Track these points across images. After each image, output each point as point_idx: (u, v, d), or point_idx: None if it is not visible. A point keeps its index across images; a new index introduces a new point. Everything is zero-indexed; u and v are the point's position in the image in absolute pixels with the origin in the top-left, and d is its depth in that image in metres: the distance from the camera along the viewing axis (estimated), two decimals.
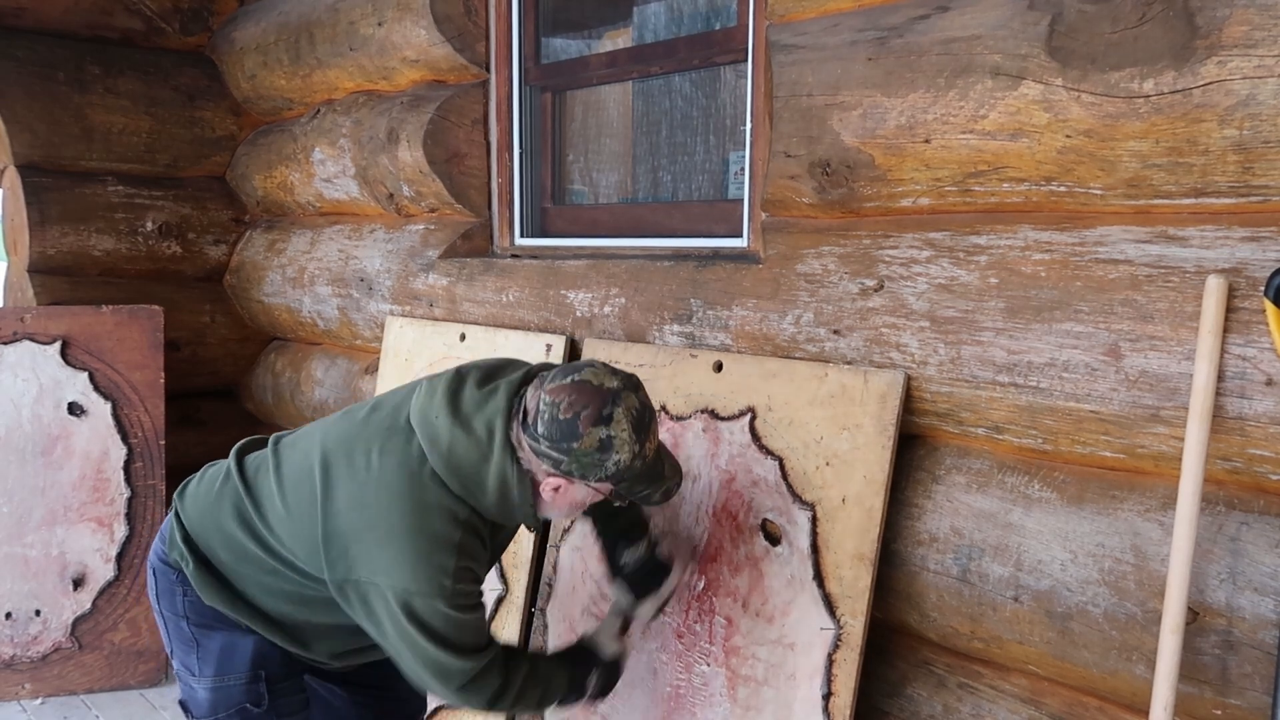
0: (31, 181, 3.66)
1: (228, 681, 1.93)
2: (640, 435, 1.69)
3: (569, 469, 1.68)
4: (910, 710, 2.03)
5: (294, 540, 1.84)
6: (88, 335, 3.41)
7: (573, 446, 1.66)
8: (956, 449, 1.96)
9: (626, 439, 1.66)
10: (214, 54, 3.96)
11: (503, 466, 1.71)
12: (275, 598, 1.91)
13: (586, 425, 1.65)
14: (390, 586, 1.71)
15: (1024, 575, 1.79)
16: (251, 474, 1.94)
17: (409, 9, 2.98)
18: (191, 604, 1.94)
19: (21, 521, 3.33)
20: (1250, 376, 1.52)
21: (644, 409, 1.71)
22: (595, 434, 1.65)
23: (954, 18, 1.81)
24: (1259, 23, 1.43)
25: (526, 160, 3.04)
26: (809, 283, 2.11)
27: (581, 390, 1.67)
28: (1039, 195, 1.76)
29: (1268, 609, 1.52)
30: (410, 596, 1.71)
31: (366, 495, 1.76)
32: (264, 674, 1.94)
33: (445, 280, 3.05)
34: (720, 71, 2.73)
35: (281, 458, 1.91)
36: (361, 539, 1.74)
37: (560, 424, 1.66)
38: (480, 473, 1.72)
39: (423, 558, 1.71)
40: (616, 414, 1.66)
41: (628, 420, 1.67)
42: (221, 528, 1.91)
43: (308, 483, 1.82)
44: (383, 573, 1.72)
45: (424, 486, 1.74)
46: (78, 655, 3.40)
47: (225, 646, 1.93)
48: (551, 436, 1.66)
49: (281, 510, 1.85)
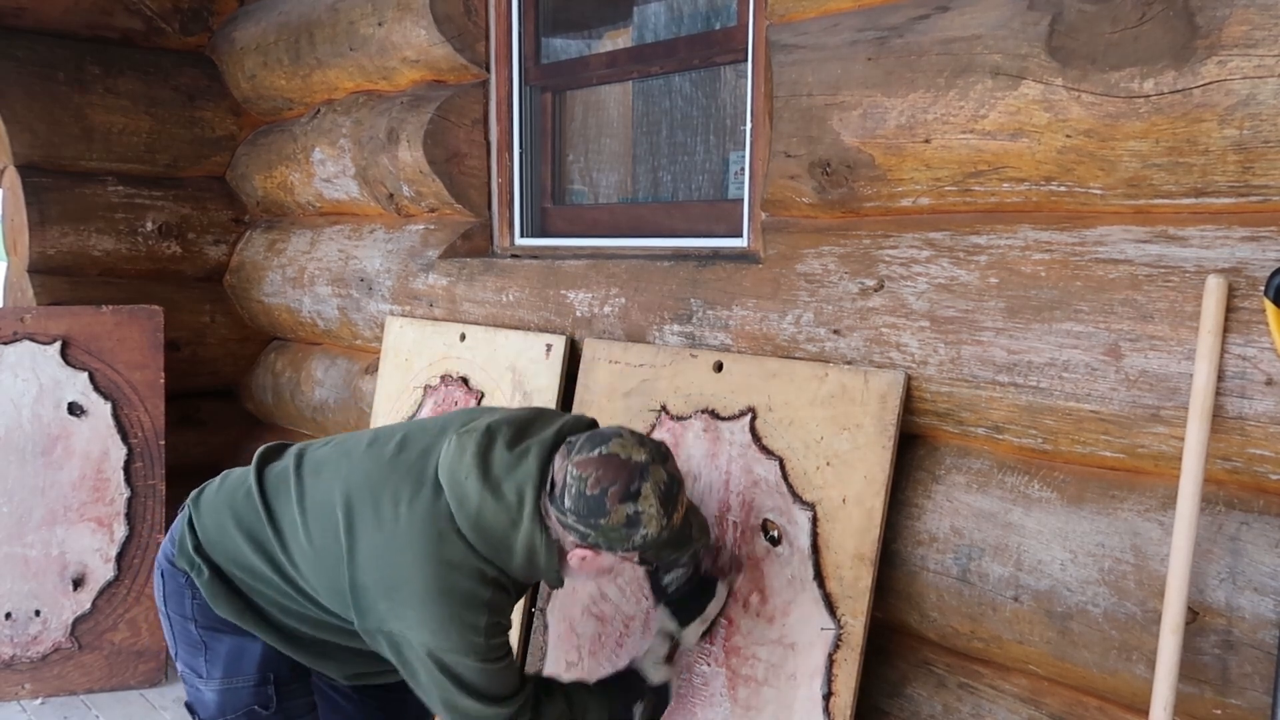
0: (31, 181, 3.66)
1: (236, 684, 1.92)
2: (668, 509, 1.69)
3: (596, 542, 1.69)
4: (910, 710, 2.03)
5: (317, 579, 1.83)
6: (88, 335, 3.41)
7: (600, 523, 1.66)
8: (956, 449, 1.96)
9: (654, 514, 1.67)
10: (214, 54, 3.96)
11: (531, 534, 1.71)
12: (290, 618, 1.91)
13: (614, 502, 1.65)
14: (421, 643, 1.72)
15: (1024, 575, 1.79)
16: (272, 494, 1.91)
17: (409, 9, 2.98)
18: (200, 608, 1.93)
19: (21, 521, 3.33)
20: (1250, 376, 1.52)
21: (672, 481, 1.72)
22: (623, 510, 1.65)
23: (954, 18, 1.81)
24: (1259, 23, 1.43)
25: (526, 160, 3.04)
26: (809, 283, 2.11)
27: (609, 465, 1.67)
28: (1039, 195, 1.76)
29: (1268, 609, 1.52)
30: (442, 653, 1.72)
31: (393, 552, 1.75)
32: (273, 676, 1.94)
33: (445, 280, 3.05)
34: (720, 71, 2.73)
35: (305, 485, 1.89)
36: (390, 596, 1.74)
37: (587, 500, 1.66)
38: (508, 538, 1.72)
39: (454, 618, 1.71)
40: (644, 489, 1.67)
41: (655, 495, 1.67)
42: (237, 545, 1.89)
43: (331, 522, 1.81)
44: (413, 629, 1.72)
45: (452, 546, 1.73)
46: (77, 655, 3.40)
47: (233, 649, 1.93)
48: (579, 512, 1.67)
49: (305, 544, 1.84)
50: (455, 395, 2.84)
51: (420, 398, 2.96)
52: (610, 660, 2.32)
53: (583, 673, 2.37)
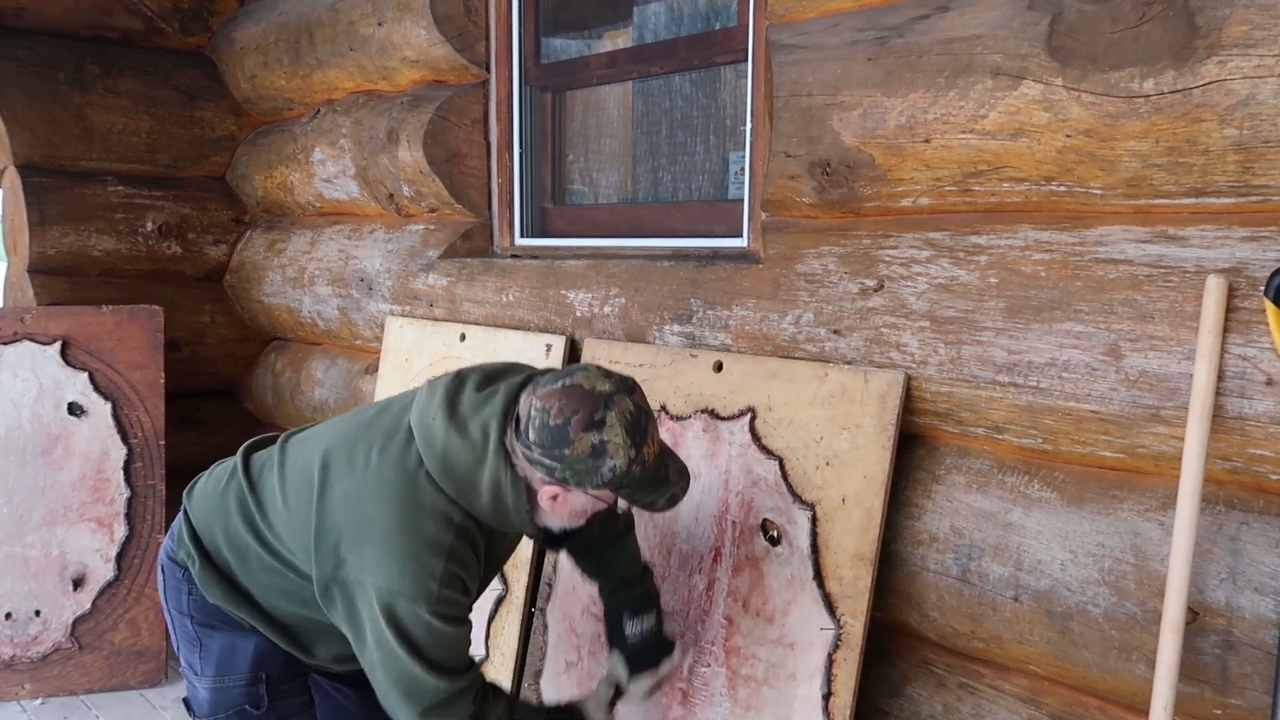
0: (31, 181, 3.66)
1: (228, 682, 1.93)
2: (636, 439, 1.63)
3: (563, 476, 1.64)
4: (910, 710, 2.03)
5: (291, 538, 1.83)
6: (88, 335, 3.41)
7: (564, 453, 1.61)
8: (956, 449, 1.96)
9: (621, 444, 1.62)
10: (214, 54, 3.96)
11: (496, 471, 1.67)
12: (277, 597, 1.90)
13: (578, 431, 1.61)
14: (375, 585, 1.68)
15: (1024, 575, 1.79)
16: (257, 472, 1.93)
17: (409, 9, 2.98)
18: (195, 602, 1.94)
19: (21, 521, 3.33)
20: (1250, 376, 1.52)
21: (639, 412, 1.66)
22: (587, 439, 1.61)
23: (954, 18, 1.81)
24: (1259, 22, 1.43)
25: (526, 160, 3.04)
26: (809, 283, 2.11)
27: (572, 395, 1.63)
28: (1039, 195, 1.76)
29: (1268, 609, 1.52)
30: (394, 597, 1.67)
31: (362, 494, 1.74)
32: (264, 675, 1.93)
33: (445, 280, 3.05)
34: (720, 71, 2.73)
35: (287, 455, 1.90)
36: (351, 536, 1.72)
37: (551, 430, 1.62)
38: (474, 476, 1.69)
39: (411, 558, 1.67)
40: (609, 418, 1.62)
41: (621, 425, 1.62)
42: (226, 525, 1.91)
43: (307, 480, 1.81)
44: (369, 571, 1.69)
45: (419, 488, 1.71)
46: (78, 655, 3.40)
47: (226, 647, 1.93)
48: (543, 444, 1.62)
49: (282, 508, 1.84)
50: None
51: None
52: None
53: (582, 673, 2.38)
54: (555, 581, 2.48)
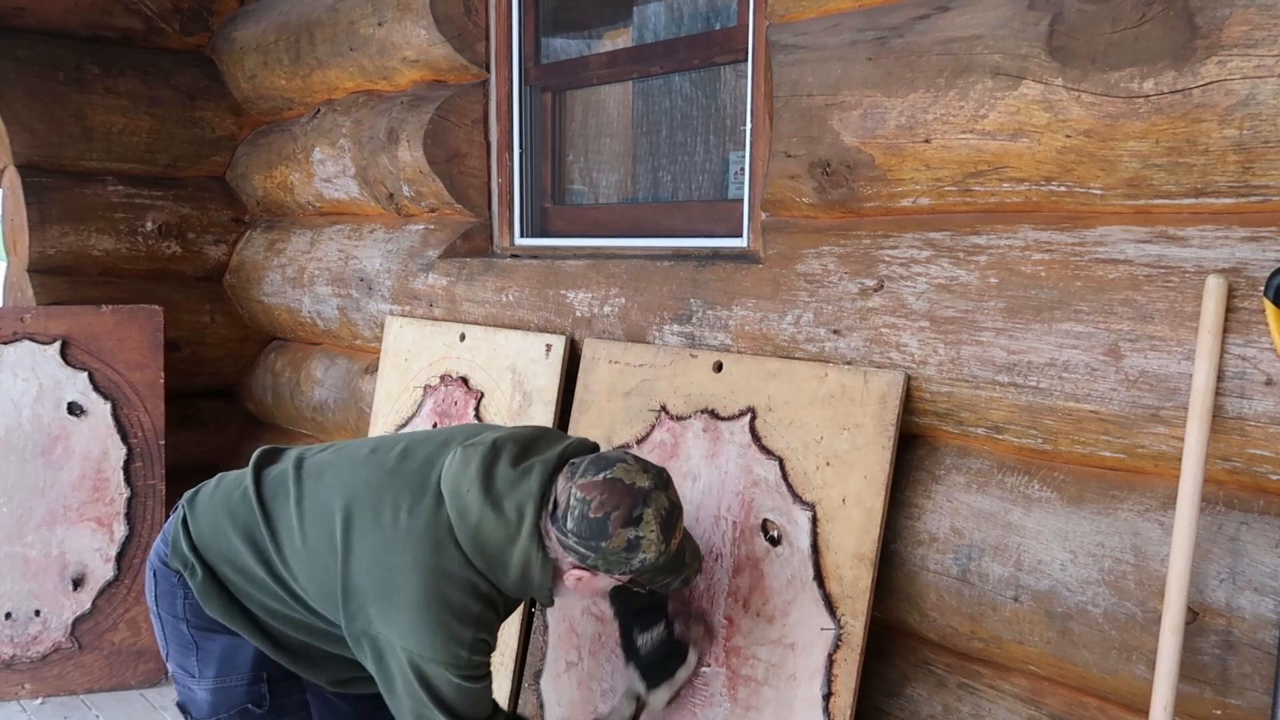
0: (31, 181, 3.66)
1: (229, 682, 1.93)
2: (667, 535, 1.72)
3: (594, 564, 1.72)
4: (910, 710, 2.03)
5: (309, 580, 1.84)
6: (88, 335, 3.41)
7: (601, 546, 1.69)
8: (956, 449, 1.96)
9: (654, 540, 1.70)
10: (214, 54, 3.96)
11: (528, 552, 1.73)
12: (281, 623, 1.91)
13: (616, 526, 1.68)
14: (405, 649, 1.73)
15: (1024, 575, 1.79)
16: (269, 497, 1.91)
17: (409, 9, 2.98)
18: (192, 608, 1.93)
19: (21, 521, 3.33)
20: (1250, 376, 1.52)
21: (673, 508, 1.75)
22: (624, 535, 1.69)
23: (954, 18, 1.81)
24: (1259, 23, 1.43)
25: (526, 160, 3.04)
26: (809, 283, 2.11)
27: (613, 489, 1.70)
28: (1039, 195, 1.76)
29: (1268, 609, 1.52)
30: (424, 662, 1.73)
31: (390, 557, 1.77)
32: (266, 675, 1.94)
33: (445, 280, 3.05)
34: (720, 71, 2.73)
35: (304, 488, 1.89)
36: (381, 599, 1.76)
37: (590, 522, 1.69)
38: (505, 554, 1.75)
39: (441, 627, 1.73)
40: (646, 515, 1.70)
41: (657, 521, 1.71)
42: (231, 546, 1.90)
43: (328, 526, 1.82)
44: (399, 635, 1.74)
45: (448, 556, 1.76)
46: (78, 655, 3.40)
47: (227, 648, 1.93)
48: (581, 534, 1.69)
49: (300, 547, 1.85)
50: (455, 395, 2.84)
51: (420, 398, 2.96)
52: (610, 660, 2.32)
53: (583, 673, 2.38)
54: None
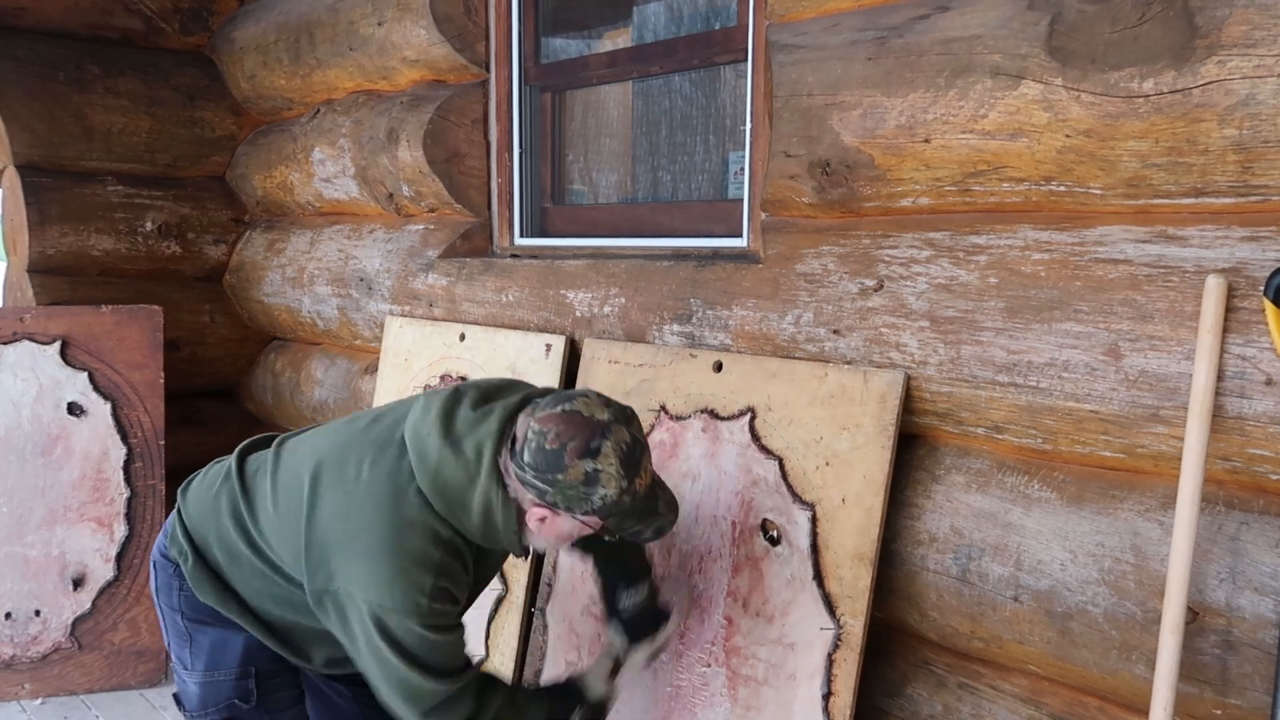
0: (31, 181, 3.66)
1: (217, 677, 1.94)
2: (629, 471, 1.65)
3: (554, 500, 1.66)
4: (910, 710, 2.03)
5: (281, 545, 1.84)
6: (87, 335, 3.41)
7: (557, 478, 1.63)
8: (956, 449, 1.96)
9: (614, 474, 1.64)
10: (214, 54, 3.96)
11: (488, 491, 1.69)
12: (267, 601, 1.91)
13: (572, 457, 1.63)
14: (365, 599, 1.70)
15: (1024, 575, 1.79)
16: (250, 474, 1.93)
17: (409, 9, 2.98)
18: (186, 599, 1.94)
19: (21, 521, 3.33)
20: (1250, 376, 1.52)
21: (635, 443, 1.68)
22: (581, 467, 1.63)
23: (954, 18, 1.81)
24: (1259, 22, 1.43)
25: (526, 160, 3.04)
26: (809, 283, 2.11)
27: (570, 421, 1.65)
28: (1039, 195, 1.76)
29: (1268, 609, 1.52)
30: (384, 612, 1.70)
31: (351, 507, 1.75)
32: (254, 670, 1.94)
33: (445, 280, 3.05)
34: (720, 71, 2.73)
35: (281, 460, 1.91)
36: (342, 550, 1.73)
37: (546, 454, 1.63)
38: (465, 495, 1.70)
39: (400, 574, 1.70)
40: (605, 447, 1.64)
41: (616, 455, 1.64)
42: (218, 526, 1.91)
43: (298, 488, 1.82)
44: (359, 586, 1.71)
45: (408, 503, 1.73)
46: (77, 655, 3.40)
47: (216, 642, 1.94)
48: (537, 466, 1.64)
49: (273, 514, 1.85)
50: None
51: None
52: None
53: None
54: (555, 581, 2.48)
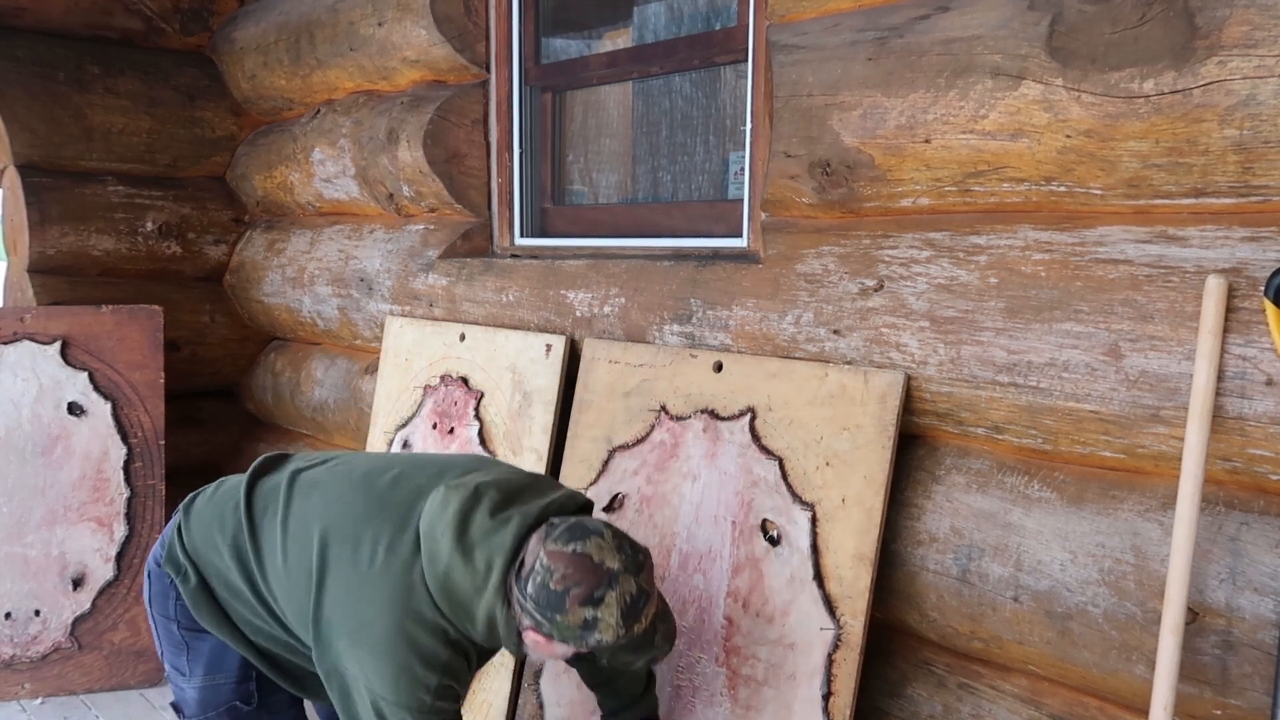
0: (31, 181, 3.66)
1: (218, 681, 1.93)
2: (628, 621, 1.64)
3: (549, 633, 1.66)
4: (910, 710, 2.02)
5: (286, 602, 1.83)
6: (88, 335, 3.41)
7: (556, 618, 1.63)
8: (956, 449, 1.96)
9: (612, 624, 1.63)
10: (214, 54, 3.96)
11: (492, 605, 1.69)
12: (264, 638, 1.91)
13: (574, 604, 1.62)
14: (369, 689, 1.71)
15: (1024, 575, 1.79)
16: (259, 511, 1.90)
17: (409, 9, 2.98)
18: (182, 609, 1.93)
19: (21, 521, 3.33)
20: (1250, 376, 1.52)
21: (639, 595, 1.66)
22: (581, 614, 1.62)
23: (954, 18, 1.81)
24: (1259, 23, 1.43)
25: (526, 160, 3.04)
26: (809, 283, 2.11)
27: (579, 565, 1.63)
28: (1039, 195, 1.76)
29: (1268, 609, 1.51)
30: (387, 705, 1.70)
31: (363, 592, 1.75)
32: (254, 673, 1.94)
33: (445, 280, 3.05)
34: (720, 71, 2.73)
35: (292, 506, 1.87)
36: (350, 635, 1.74)
37: (549, 593, 1.63)
38: (472, 604, 1.71)
39: (405, 671, 1.70)
40: (609, 598, 1.62)
41: (618, 606, 1.63)
42: (220, 559, 1.90)
43: (307, 550, 1.81)
44: (364, 673, 1.72)
45: (419, 598, 1.73)
46: (77, 655, 3.40)
47: (216, 647, 1.94)
48: (539, 602, 1.64)
49: (280, 566, 1.84)
50: (455, 395, 2.84)
51: (420, 398, 2.96)
52: None
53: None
54: None
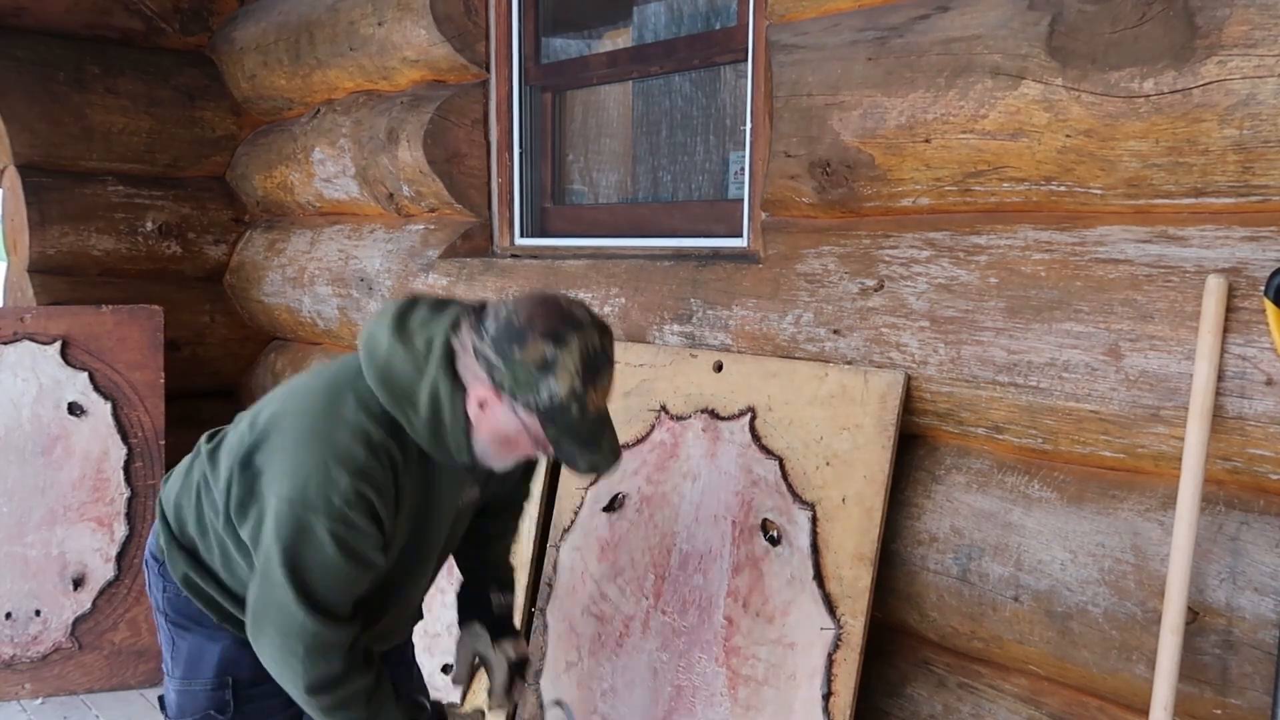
0: (31, 181, 3.66)
1: (193, 686, 1.85)
2: (587, 375, 1.55)
3: (501, 380, 1.56)
4: (910, 710, 2.03)
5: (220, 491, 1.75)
6: (88, 335, 3.41)
7: (513, 352, 1.55)
8: (956, 449, 1.96)
9: (571, 370, 1.54)
10: (214, 54, 3.96)
11: (435, 380, 1.60)
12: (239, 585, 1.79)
13: (535, 337, 1.54)
14: (277, 495, 1.60)
15: (1024, 575, 1.79)
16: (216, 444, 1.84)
17: (409, 9, 2.98)
18: (170, 600, 1.86)
19: (21, 521, 3.33)
20: (1250, 376, 1.52)
21: (602, 354, 1.58)
22: (541, 348, 1.54)
23: (954, 18, 1.81)
24: (1259, 22, 1.43)
25: (526, 160, 3.04)
26: (809, 283, 2.11)
27: (546, 305, 1.58)
28: (1039, 195, 1.76)
29: (1268, 609, 1.52)
30: (293, 505, 1.59)
31: (288, 405, 1.68)
32: (230, 680, 1.83)
33: (445, 280, 3.05)
34: (720, 71, 2.73)
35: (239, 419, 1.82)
36: (267, 444, 1.65)
37: (510, 327, 1.56)
38: (414, 387, 1.61)
39: (319, 467, 1.58)
40: (572, 341, 1.55)
41: (580, 353, 1.55)
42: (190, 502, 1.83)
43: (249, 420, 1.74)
44: (275, 479, 1.61)
45: (344, 402, 1.64)
46: (78, 655, 3.40)
47: (194, 649, 1.85)
48: (497, 336, 1.56)
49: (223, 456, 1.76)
50: None
51: None
52: (610, 660, 2.32)
53: (583, 673, 2.38)
54: (555, 581, 2.48)
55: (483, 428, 1.63)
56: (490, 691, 1.99)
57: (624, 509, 2.36)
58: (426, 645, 2.77)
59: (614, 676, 2.31)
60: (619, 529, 2.36)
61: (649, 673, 2.25)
